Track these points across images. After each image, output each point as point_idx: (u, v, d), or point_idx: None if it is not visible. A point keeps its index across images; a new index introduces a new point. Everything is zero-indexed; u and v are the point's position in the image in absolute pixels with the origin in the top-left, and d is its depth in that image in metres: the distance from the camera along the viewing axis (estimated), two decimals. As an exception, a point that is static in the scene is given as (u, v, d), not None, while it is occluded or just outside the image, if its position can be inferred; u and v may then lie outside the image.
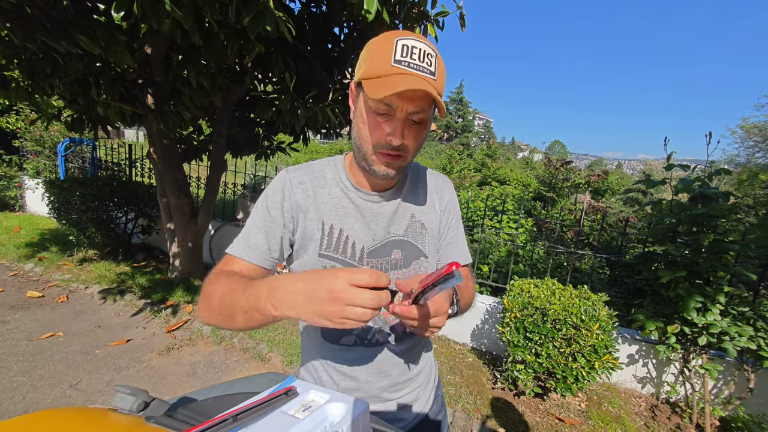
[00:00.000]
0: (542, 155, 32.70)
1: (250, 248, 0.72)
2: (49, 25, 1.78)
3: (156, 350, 2.67)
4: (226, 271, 0.69)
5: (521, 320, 2.30)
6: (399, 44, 0.60)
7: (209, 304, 0.63)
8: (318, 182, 0.76)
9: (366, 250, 0.75)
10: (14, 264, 3.92)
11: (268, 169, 8.73)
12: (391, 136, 0.63)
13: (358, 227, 0.75)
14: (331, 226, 0.74)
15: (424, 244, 0.79)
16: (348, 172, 0.77)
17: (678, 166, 2.34)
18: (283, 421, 0.49)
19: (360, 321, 0.49)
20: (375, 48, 0.62)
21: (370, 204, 0.76)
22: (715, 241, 2.11)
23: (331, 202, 0.75)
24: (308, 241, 0.74)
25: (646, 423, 2.34)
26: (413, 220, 0.79)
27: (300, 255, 0.75)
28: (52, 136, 5.94)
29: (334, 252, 0.73)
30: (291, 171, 0.76)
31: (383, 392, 0.79)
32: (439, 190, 0.85)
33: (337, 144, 25.21)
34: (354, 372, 0.77)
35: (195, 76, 2.35)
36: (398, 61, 0.59)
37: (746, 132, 12.46)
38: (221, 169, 3.65)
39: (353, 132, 0.70)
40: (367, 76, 0.62)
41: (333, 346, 0.77)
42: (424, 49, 0.60)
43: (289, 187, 0.74)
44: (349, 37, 2.86)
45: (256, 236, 0.72)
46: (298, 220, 0.74)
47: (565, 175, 10.35)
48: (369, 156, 0.68)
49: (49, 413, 0.53)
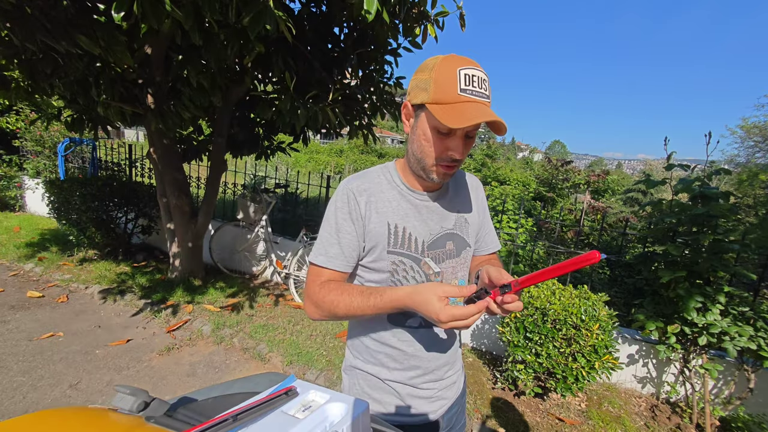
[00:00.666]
0: (542, 155, 32.67)
1: (330, 258, 0.84)
2: (49, 25, 1.78)
3: (156, 350, 2.67)
4: (331, 282, 0.83)
5: (521, 320, 2.30)
6: (461, 74, 0.71)
7: (333, 312, 0.79)
8: (377, 188, 0.86)
9: (426, 244, 0.86)
10: (14, 264, 3.92)
11: (268, 169, 8.73)
12: (453, 151, 0.76)
13: (417, 224, 0.86)
14: (395, 225, 0.84)
15: (468, 236, 0.93)
16: (401, 176, 0.88)
17: (678, 166, 2.34)
18: (283, 421, 0.49)
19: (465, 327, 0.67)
20: (438, 76, 0.72)
21: (424, 203, 0.88)
22: (715, 241, 2.11)
23: (391, 205, 0.85)
24: (377, 241, 0.84)
25: (646, 423, 2.34)
26: (459, 216, 0.92)
27: (372, 253, 0.85)
28: (52, 136, 5.94)
29: (401, 248, 0.84)
30: (351, 182, 0.86)
31: (440, 369, 0.91)
32: (475, 189, 0.99)
33: (337, 144, 25.17)
34: (418, 351, 0.88)
35: (195, 76, 2.35)
36: (463, 90, 0.70)
37: (746, 132, 12.46)
38: (221, 169, 3.65)
39: (413, 146, 0.82)
40: (434, 101, 0.73)
41: (398, 328, 0.88)
42: (481, 76, 0.72)
43: (353, 197, 0.84)
44: (349, 37, 2.85)
45: (333, 247, 0.84)
46: (365, 225, 0.84)
47: (565, 175, 10.35)
48: (429, 167, 0.80)
49: (49, 413, 0.53)
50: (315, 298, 0.82)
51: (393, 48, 2.89)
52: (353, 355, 0.95)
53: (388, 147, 33.89)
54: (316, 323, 3.23)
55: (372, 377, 0.91)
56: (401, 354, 0.88)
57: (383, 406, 0.90)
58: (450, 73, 0.71)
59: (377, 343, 0.90)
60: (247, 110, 3.75)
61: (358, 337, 0.93)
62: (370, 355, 0.91)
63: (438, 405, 0.93)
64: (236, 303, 3.42)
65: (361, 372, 0.93)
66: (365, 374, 0.92)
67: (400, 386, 0.89)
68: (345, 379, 0.97)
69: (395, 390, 0.89)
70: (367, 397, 0.91)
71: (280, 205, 5.06)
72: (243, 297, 3.58)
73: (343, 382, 0.98)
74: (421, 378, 0.89)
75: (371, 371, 0.91)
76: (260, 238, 3.96)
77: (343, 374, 0.98)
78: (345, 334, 3.08)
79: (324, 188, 4.30)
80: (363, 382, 0.92)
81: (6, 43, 2.10)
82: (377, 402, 0.91)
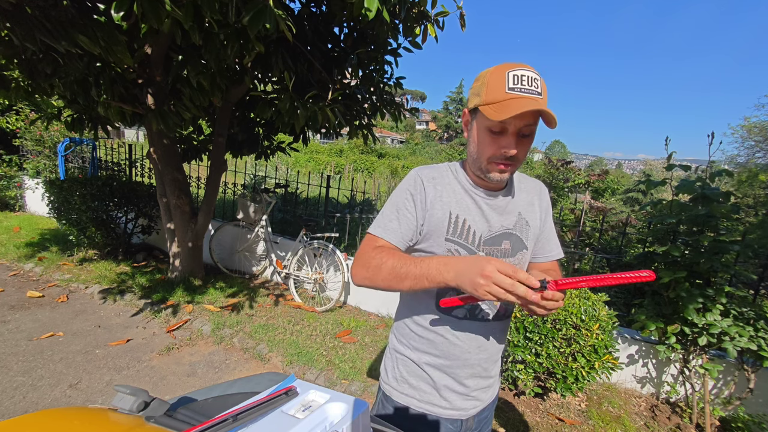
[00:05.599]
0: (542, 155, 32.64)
1: (388, 231, 0.87)
2: (49, 25, 1.78)
3: (156, 350, 2.67)
4: (384, 247, 0.85)
5: (521, 320, 2.30)
6: (510, 75, 0.74)
7: (379, 270, 0.81)
8: (444, 179, 0.90)
9: (483, 239, 0.88)
10: (14, 264, 3.92)
11: (268, 169, 8.73)
12: (506, 148, 0.78)
13: (477, 218, 0.88)
14: (456, 215, 0.87)
15: (527, 238, 0.93)
16: (467, 173, 0.91)
17: (678, 167, 2.34)
18: (283, 421, 0.49)
19: (497, 297, 0.66)
20: (490, 80, 0.77)
21: (487, 200, 0.90)
22: (716, 242, 2.11)
23: (455, 197, 0.89)
24: (437, 227, 0.87)
25: (646, 423, 2.34)
26: (520, 217, 0.93)
27: (428, 238, 0.88)
28: (52, 136, 5.94)
29: (459, 237, 0.87)
30: (421, 170, 0.91)
31: (480, 364, 0.92)
32: (539, 193, 0.99)
33: (337, 144, 25.17)
34: (460, 340, 0.90)
35: (195, 76, 2.35)
36: (511, 88, 0.74)
37: (747, 131, 12.45)
38: (221, 169, 3.65)
39: (470, 148, 0.87)
40: (485, 103, 0.77)
41: (444, 316, 0.90)
42: (531, 75, 0.75)
43: (421, 183, 0.88)
44: (349, 37, 2.85)
45: (392, 222, 0.88)
46: (427, 209, 0.87)
47: (565, 175, 10.35)
48: (485, 166, 0.83)
49: (49, 413, 0.53)
50: (364, 258, 0.85)
51: (393, 48, 2.90)
52: (396, 338, 0.98)
53: (388, 147, 33.89)
54: (316, 323, 3.23)
55: (411, 363, 0.93)
56: (443, 341, 0.90)
57: (418, 392, 0.93)
58: (500, 76, 0.75)
59: (420, 327, 0.92)
60: (247, 110, 3.75)
61: (403, 319, 0.96)
62: (412, 339, 0.93)
63: (471, 404, 0.94)
64: (236, 303, 3.42)
65: (401, 356, 0.95)
66: (405, 359, 0.95)
67: (438, 374, 0.91)
68: (387, 361, 1.01)
69: (432, 378, 0.91)
70: (403, 382, 0.95)
71: (280, 205, 5.07)
72: (243, 297, 3.58)
73: (384, 362, 1.01)
74: (460, 370, 0.91)
75: (411, 356, 0.93)
76: (260, 238, 3.96)
77: (386, 355, 1.02)
78: (345, 334, 3.09)
79: (324, 188, 4.30)
80: (402, 367, 0.95)
81: (6, 43, 2.10)
82: (413, 388, 0.93)
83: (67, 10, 1.81)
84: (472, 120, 0.85)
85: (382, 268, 0.80)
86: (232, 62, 2.28)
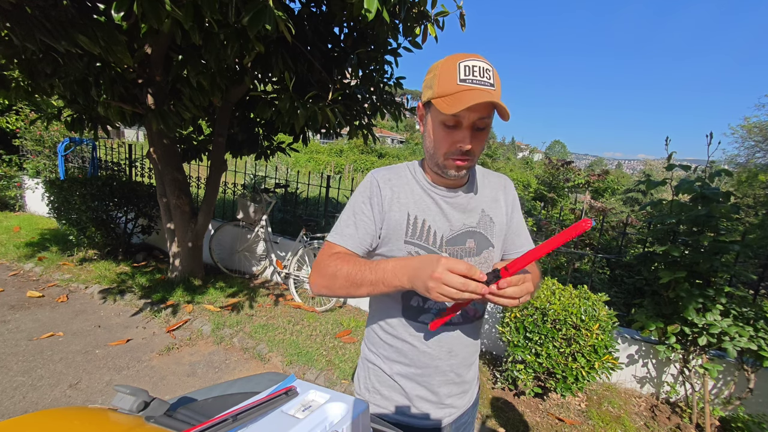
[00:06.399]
0: (542, 155, 32.66)
1: (345, 237, 0.84)
2: (49, 25, 1.78)
3: (156, 350, 2.67)
4: (340, 254, 0.82)
5: (521, 320, 2.30)
6: (461, 66, 0.72)
7: (335, 278, 0.78)
8: (401, 180, 0.88)
9: (445, 239, 0.85)
10: (14, 264, 3.92)
11: (268, 169, 8.72)
12: (461, 143, 0.75)
13: (438, 218, 0.85)
14: (415, 216, 0.84)
15: (492, 236, 0.90)
16: (425, 172, 0.89)
17: (678, 167, 2.34)
18: (283, 421, 0.49)
19: (449, 297, 0.63)
20: (440, 71, 0.74)
21: (446, 198, 0.87)
22: (716, 242, 2.11)
23: (414, 197, 0.86)
24: (395, 230, 0.84)
25: (646, 423, 2.34)
26: (484, 214, 0.90)
27: (387, 242, 0.85)
28: (52, 136, 5.94)
29: (418, 239, 0.84)
30: (377, 172, 0.88)
31: (453, 370, 0.89)
32: (503, 188, 0.97)
33: (337, 144, 25.17)
34: (429, 348, 0.87)
35: (195, 76, 2.35)
36: (463, 80, 0.71)
37: (747, 131, 12.46)
38: (221, 169, 3.65)
39: (426, 143, 0.84)
40: (436, 96, 0.74)
41: (412, 322, 0.87)
42: (483, 66, 0.73)
43: (377, 185, 0.85)
44: (349, 37, 2.85)
45: (349, 228, 0.85)
46: (385, 212, 0.84)
47: (565, 175, 10.35)
48: (441, 162, 0.80)
49: (49, 413, 0.53)
50: (320, 266, 0.82)
51: (393, 48, 2.89)
52: (367, 347, 0.96)
53: (388, 147, 33.88)
54: (316, 323, 3.23)
55: (382, 373, 0.91)
56: (412, 349, 0.87)
57: (390, 403, 0.90)
58: (451, 67, 0.73)
59: (389, 335, 0.90)
60: (247, 110, 3.75)
61: (372, 326, 0.94)
62: (382, 348, 0.91)
63: (446, 413, 0.91)
64: (236, 303, 3.42)
65: (373, 366, 0.93)
66: (376, 369, 0.92)
67: (410, 384, 0.88)
68: (359, 370, 0.98)
69: (404, 389, 0.88)
70: (375, 393, 0.92)
71: (280, 205, 5.07)
72: (243, 297, 3.58)
73: (357, 372, 0.99)
74: (432, 378, 0.88)
75: (382, 366, 0.91)
76: (260, 238, 3.96)
77: (359, 364, 0.99)
78: (345, 334, 3.09)
79: (324, 188, 4.30)
80: (374, 377, 0.93)
81: (6, 43, 2.10)
82: (385, 399, 0.91)
83: (67, 10, 1.80)
84: (427, 114, 0.82)
85: (338, 276, 0.77)
86: (232, 62, 2.28)
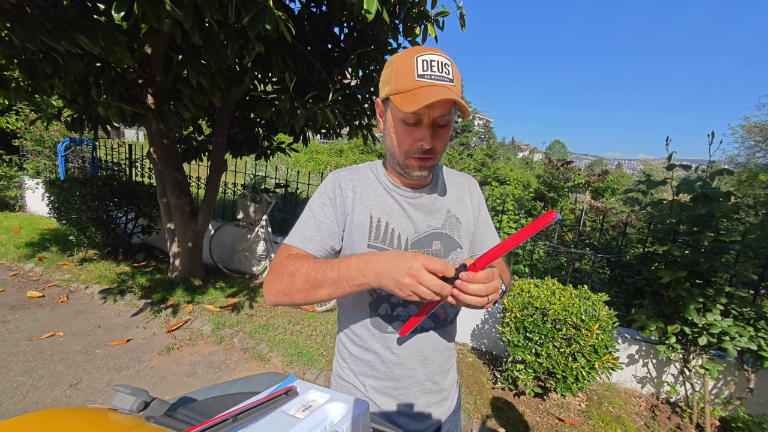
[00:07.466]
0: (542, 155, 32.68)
1: (305, 240, 0.79)
2: (49, 25, 1.78)
3: (156, 350, 2.67)
4: (298, 255, 0.76)
5: (521, 320, 2.30)
6: (419, 60, 0.69)
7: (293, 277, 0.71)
8: (363, 181, 0.85)
9: (410, 242, 0.82)
10: (14, 264, 3.92)
11: (268, 169, 8.72)
12: (422, 141, 0.72)
13: (402, 220, 0.82)
14: (378, 219, 0.81)
15: (459, 237, 0.87)
16: (387, 173, 0.86)
17: (679, 167, 2.34)
18: (283, 421, 0.49)
19: (422, 297, 0.59)
20: (398, 66, 0.71)
21: (410, 200, 0.84)
22: (716, 241, 2.11)
23: (377, 199, 0.83)
24: (358, 233, 0.81)
25: (646, 423, 2.34)
26: (449, 215, 0.87)
27: (350, 245, 0.82)
28: (52, 136, 5.93)
29: (382, 243, 0.80)
30: (339, 173, 0.85)
31: (429, 378, 0.85)
32: (469, 187, 0.94)
33: (337, 144, 25.17)
34: (401, 358, 0.83)
35: (195, 76, 2.35)
36: (421, 75, 0.68)
37: (747, 131, 12.46)
38: (221, 169, 3.65)
39: (386, 142, 0.79)
40: (395, 92, 0.71)
41: (382, 334, 0.83)
42: (442, 61, 0.70)
43: (339, 185, 0.82)
44: (349, 37, 2.85)
45: (309, 229, 0.80)
46: (347, 214, 0.81)
47: (565, 175, 10.36)
48: (403, 161, 0.77)
49: (49, 413, 0.53)
50: (277, 269, 0.75)
51: (393, 48, 2.89)
52: (338, 362, 0.92)
53: (388, 147, 33.83)
54: (316, 323, 3.23)
55: (356, 390, 0.87)
56: (384, 361, 0.83)
57: None
58: (409, 61, 0.70)
59: (357, 347, 0.85)
60: (247, 110, 3.75)
61: (341, 339, 0.90)
62: (352, 362, 0.87)
63: (426, 425, 0.87)
64: (236, 303, 3.42)
65: (345, 383, 0.89)
66: (348, 386, 0.88)
67: (386, 400, 0.84)
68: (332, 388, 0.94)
69: (379, 406, 0.84)
70: None
71: (280, 205, 5.06)
72: (243, 297, 3.58)
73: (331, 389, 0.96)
74: (408, 390, 0.84)
75: (354, 383, 0.87)
76: (260, 238, 3.96)
77: (331, 381, 0.95)
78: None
79: (324, 188, 4.29)
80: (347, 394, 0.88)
81: (6, 43, 2.10)
82: None
83: (67, 10, 1.81)
84: (386, 111, 0.77)
85: (296, 276, 0.70)
86: (232, 62, 2.28)
